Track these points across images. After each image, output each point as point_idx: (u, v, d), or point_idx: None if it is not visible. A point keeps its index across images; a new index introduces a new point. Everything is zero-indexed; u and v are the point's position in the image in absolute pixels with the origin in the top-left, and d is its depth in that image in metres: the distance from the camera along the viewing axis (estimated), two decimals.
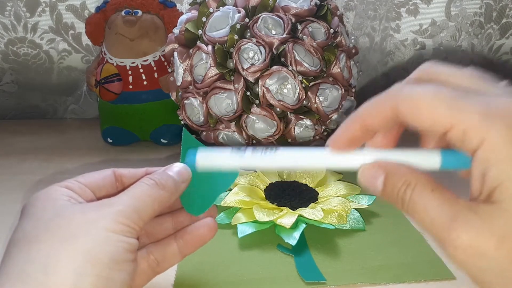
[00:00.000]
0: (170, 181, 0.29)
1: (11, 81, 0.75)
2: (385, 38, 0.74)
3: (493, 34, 0.75)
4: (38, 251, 0.24)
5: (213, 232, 0.32)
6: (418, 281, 0.37)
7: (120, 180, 0.31)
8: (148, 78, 0.64)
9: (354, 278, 0.37)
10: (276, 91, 0.51)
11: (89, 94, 0.78)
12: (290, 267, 0.39)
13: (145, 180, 0.28)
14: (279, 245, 0.42)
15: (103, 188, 0.30)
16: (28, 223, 0.26)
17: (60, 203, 0.27)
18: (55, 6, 0.69)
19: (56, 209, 0.26)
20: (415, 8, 0.72)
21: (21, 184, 0.55)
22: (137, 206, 0.27)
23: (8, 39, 0.70)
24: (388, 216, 0.47)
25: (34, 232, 0.25)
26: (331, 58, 0.52)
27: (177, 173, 0.29)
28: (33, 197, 0.28)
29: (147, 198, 0.27)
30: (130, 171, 0.32)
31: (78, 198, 0.28)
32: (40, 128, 0.74)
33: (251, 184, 0.48)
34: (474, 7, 0.72)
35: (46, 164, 0.60)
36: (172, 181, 0.29)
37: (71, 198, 0.27)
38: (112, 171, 0.31)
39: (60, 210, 0.26)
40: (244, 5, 0.53)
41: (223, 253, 0.40)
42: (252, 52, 0.50)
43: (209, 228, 0.32)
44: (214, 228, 0.32)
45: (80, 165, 0.60)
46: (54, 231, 0.25)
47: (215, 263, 0.39)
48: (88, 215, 0.26)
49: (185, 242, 0.32)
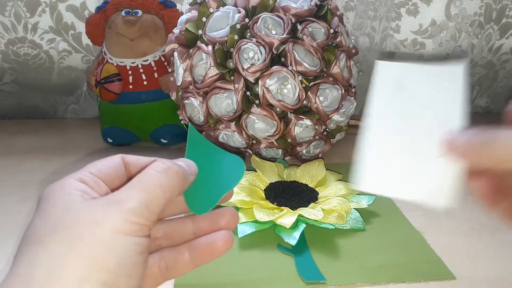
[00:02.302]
0: (180, 167, 0.28)
1: (11, 81, 0.75)
2: (385, 38, 0.74)
3: (493, 34, 0.75)
4: (44, 253, 0.24)
5: (229, 246, 0.30)
6: (418, 281, 0.37)
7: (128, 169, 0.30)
8: (148, 78, 0.64)
9: (354, 278, 0.37)
10: (276, 91, 0.51)
11: (89, 94, 0.78)
12: (290, 267, 0.39)
13: (154, 167, 0.27)
14: (279, 245, 0.42)
15: (116, 179, 0.29)
16: (39, 219, 0.25)
17: (71, 198, 0.26)
18: (55, 6, 0.69)
19: (65, 205, 0.25)
20: (415, 8, 0.73)
21: (21, 184, 0.55)
22: (147, 200, 0.26)
23: (8, 39, 0.70)
24: (388, 216, 0.47)
25: (43, 231, 0.25)
26: (331, 58, 0.52)
27: (186, 163, 0.29)
28: (47, 189, 0.27)
29: (158, 189, 0.26)
30: (138, 160, 0.30)
31: (92, 192, 0.27)
32: (40, 128, 0.74)
33: (251, 184, 0.48)
34: (474, 7, 0.72)
35: (46, 164, 0.60)
36: (182, 168, 0.28)
37: (85, 193, 0.26)
38: (121, 158, 0.30)
39: (69, 207, 0.25)
40: (244, 5, 0.53)
41: None
42: (252, 52, 0.50)
43: (225, 241, 0.30)
44: (230, 242, 0.30)
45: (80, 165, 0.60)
46: (60, 231, 0.24)
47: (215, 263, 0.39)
48: (95, 215, 0.25)
49: (199, 252, 0.30)
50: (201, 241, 0.30)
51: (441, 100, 0.29)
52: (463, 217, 0.47)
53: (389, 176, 0.29)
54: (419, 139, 0.29)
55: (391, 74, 0.30)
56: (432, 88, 0.30)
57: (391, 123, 0.29)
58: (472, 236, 0.44)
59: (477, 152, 0.26)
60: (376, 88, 0.30)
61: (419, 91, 0.30)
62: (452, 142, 0.27)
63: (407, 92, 0.30)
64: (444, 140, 0.27)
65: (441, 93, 0.29)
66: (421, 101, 0.29)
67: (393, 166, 0.29)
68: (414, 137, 0.29)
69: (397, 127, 0.29)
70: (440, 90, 0.29)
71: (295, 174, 0.51)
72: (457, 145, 0.27)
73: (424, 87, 0.30)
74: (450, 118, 0.29)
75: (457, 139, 0.27)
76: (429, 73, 0.30)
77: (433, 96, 0.29)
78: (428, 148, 0.28)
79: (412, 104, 0.29)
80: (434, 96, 0.29)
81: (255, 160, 0.52)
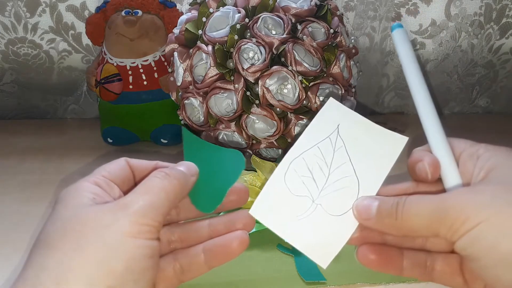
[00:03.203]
0: (179, 172, 0.29)
1: (11, 81, 0.75)
2: (385, 38, 0.74)
3: (493, 34, 0.75)
4: (53, 257, 0.24)
5: (244, 246, 0.30)
6: (418, 281, 0.37)
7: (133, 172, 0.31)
8: (148, 78, 0.64)
9: (354, 278, 0.37)
10: (276, 91, 0.51)
11: (89, 94, 0.78)
12: (290, 267, 0.39)
13: (155, 174, 0.28)
14: (279, 245, 0.42)
15: (126, 181, 0.30)
16: (51, 221, 0.26)
17: (81, 201, 0.26)
18: (55, 6, 0.69)
19: (75, 209, 0.26)
20: (415, 8, 0.73)
21: (21, 184, 0.55)
22: (152, 201, 0.26)
23: (8, 39, 0.70)
24: None
25: (52, 234, 0.25)
26: (331, 58, 0.52)
27: (185, 166, 0.29)
28: (63, 192, 0.27)
29: (161, 192, 0.27)
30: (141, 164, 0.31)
31: (105, 195, 0.27)
32: (40, 128, 0.74)
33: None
34: (474, 7, 0.72)
35: (46, 164, 0.60)
36: (181, 173, 0.29)
37: (97, 196, 0.27)
38: (126, 161, 0.30)
39: (78, 211, 0.25)
40: (244, 5, 0.53)
41: None
42: (252, 52, 0.50)
43: (240, 242, 0.29)
44: (246, 242, 0.30)
45: (80, 165, 0.60)
46: (69, 235, 0.24)
47: None
48: (103, 218, 0.25)
49: (214, 254, 0.30)
50: (216, 242, 0.30)
51: (370, 162, 0.30)
52: None
53: (285, 215, 0.29)
54: (330, 189, 0.29)
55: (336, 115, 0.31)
56: (368, 147, 0.30)
57: (312, 164, 0.30)
58: None
59: (384, 222, 0.27)
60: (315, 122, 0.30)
61: (354, 143, 0.30)
62: (363, 209, 0.28)
63: (344, 138, 0.30)
64: (357, 206, 0.28)
65: (373, 155, 0.30)
66: (351, 153, 0.30)
67: (293, 208, 0.29)
68: (326, 186, 0.29)
69: (315, 171, 0.29)
70: (373, 152, 0.30)
71: None
72: (368, 214, 0.28)
73: (359, 142, 0.30)
74: (370, 183, 0.29)
75: (368, 208, 0.28)
76: (373, 132, 0.30)
77: (365, 154, 0.30)
78: (335, 200, 0.29)
79: (340, 152, 0.30)
80: (366, 154, 0.30)
81: (255, 160, 0.52)
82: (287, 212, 0.29)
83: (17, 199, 0.51)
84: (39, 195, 0.51)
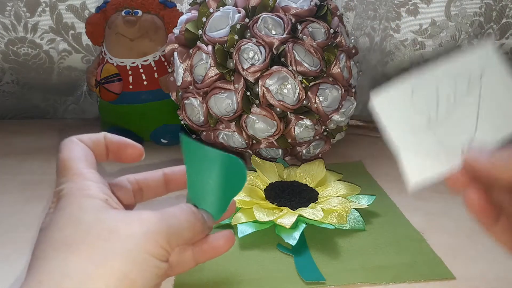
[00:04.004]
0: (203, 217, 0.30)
1: (11, 81, 0.75)
2: (385, 38, 0.74)
3: (493, 34, 0.75)
4: (76, 264, 0.23)
5: (230, 244, 0.32)
6: (418, 281, 0.37)
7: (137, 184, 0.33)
8: (148, 78, 0.64)
9: (354, 278, 0.37)
10: (276, 91, 0.51)
11: (89, 94, 0.78)
12: (290, 267, 0.39)
13: (184, 206, 0.29)
14: (279, 245, 0.42)
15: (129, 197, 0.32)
16: (66, 221, 0.25)
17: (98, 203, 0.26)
18: (55, 6, 0.69)
19: (96, 212, 0.25)
20: (415, 8, 0.73)
21: (21, 184, 0.55)
22: (178, 228, 0.27)
23: (8, 39, 0.70)
24: (388, 216, 0.47)
25: (73, 237, 0.24)
26: (331, 58, 0.52)
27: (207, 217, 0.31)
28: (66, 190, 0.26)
29: (186, 223, 0.28)
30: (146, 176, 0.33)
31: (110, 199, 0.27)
32: (40, 128, 0.74)
33: (251, 184, 0.48)
34: (474, 7, 0.72)
35: (46, 164, 0.60)
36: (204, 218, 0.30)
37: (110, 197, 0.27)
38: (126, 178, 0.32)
39: (100, 214, 0.25)
40: (244, 5, 0.53)
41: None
42: (252, 52, 0.50)
43: (226, 240, 0.31)
44: (232, 240, 0.32)
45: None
46: (94, 241, 0.24)
47: (215, 263, 0.39)
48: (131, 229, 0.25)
49: (201, 250, 0.31)
50: (204, 240, 0.31)
51: (496, 116, 0.28)
52: (463, 217, 0.47)
53: (402, 119, 0.28)
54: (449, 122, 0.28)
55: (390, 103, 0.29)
56: (499, 103, 0.28)
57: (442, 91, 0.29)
58: (472, 236, 0.44)
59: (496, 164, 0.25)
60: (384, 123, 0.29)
61: (489, 92, 0.28)
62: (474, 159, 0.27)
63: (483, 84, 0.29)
64: (466, 157, 0.27)
65: (502, 113, 0.28)
66: (482, 100, 0.28)
67: (410, 119, 0.28)
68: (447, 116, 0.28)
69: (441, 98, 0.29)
70: (503, 110, 0.28)
71: (295, 174, 0.51)
72: (480, 153, 0.26)
73: (494, 94, 0.28)
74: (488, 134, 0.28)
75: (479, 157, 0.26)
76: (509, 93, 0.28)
77: (494, 108, 0.28)
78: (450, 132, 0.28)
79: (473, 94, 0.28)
80: (495, 108, 0.28)
81: (255, 160, 0.52)
82: (405, 118, 0.28)
83: (17, 199, 0.51)
84: (39, 195, 0.51)
